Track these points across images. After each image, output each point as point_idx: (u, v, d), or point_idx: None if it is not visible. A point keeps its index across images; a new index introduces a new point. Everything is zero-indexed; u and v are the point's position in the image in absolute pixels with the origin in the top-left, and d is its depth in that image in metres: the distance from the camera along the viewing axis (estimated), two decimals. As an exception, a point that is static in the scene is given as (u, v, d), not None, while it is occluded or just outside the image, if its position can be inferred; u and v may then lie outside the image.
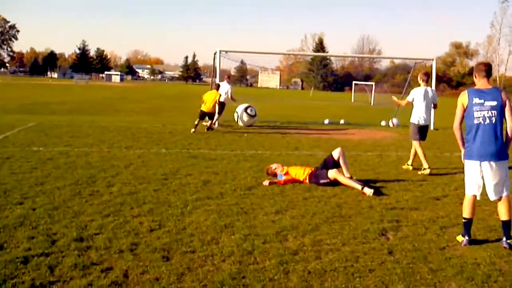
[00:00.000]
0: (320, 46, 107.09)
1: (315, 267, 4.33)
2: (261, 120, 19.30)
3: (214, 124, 15.57)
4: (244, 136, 14.03)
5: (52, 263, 4.21)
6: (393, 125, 19.69)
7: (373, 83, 52.56)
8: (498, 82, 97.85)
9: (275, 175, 8.10)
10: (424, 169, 9.31)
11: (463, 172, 5.47)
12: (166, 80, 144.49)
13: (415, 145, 9.78)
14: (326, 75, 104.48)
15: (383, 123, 20.32)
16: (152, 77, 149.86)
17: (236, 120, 17.32)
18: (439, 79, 76.56)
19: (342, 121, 20.15)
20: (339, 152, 8.19)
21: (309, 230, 5.38)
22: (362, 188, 7.37)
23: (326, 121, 19.68)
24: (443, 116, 18.57)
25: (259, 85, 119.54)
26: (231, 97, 16.81)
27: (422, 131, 9.88)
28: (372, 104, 44.96)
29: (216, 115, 15.31)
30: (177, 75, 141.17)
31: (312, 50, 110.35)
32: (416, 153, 9.78)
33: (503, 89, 6.43)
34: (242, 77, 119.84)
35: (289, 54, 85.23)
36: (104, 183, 7.30)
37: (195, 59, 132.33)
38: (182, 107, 28.44)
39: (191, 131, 14.48)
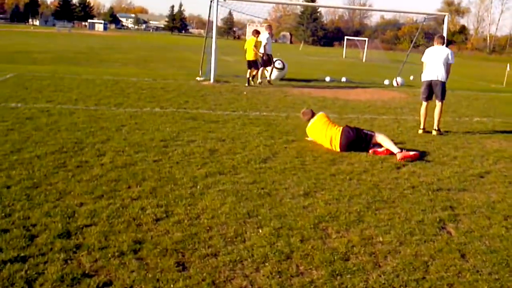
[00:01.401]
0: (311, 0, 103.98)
1: (378, 280, 3.32)
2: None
3: (259, 78, 15.41)
4: (244, 95, 12.84)
5: (31, 273, 3.13)
6: (397, 84, 18.59)
7: (366, 39, 50.96)
8: (488, 41, 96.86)
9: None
10: (420, 129, 9.12)
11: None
12: (151, 30, 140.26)
13: (424, 105, 9.23)
14: (316, 29, 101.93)
15: (386, 82, 19.19)
16: (136, 27, 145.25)
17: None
18: (429, 37, 75.34)
19: (343, 79, 18.96)
20: (382, 138, 7.19)
21: (351, 221, 4.36)
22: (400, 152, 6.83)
23: (328, 79, 18.48)
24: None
25: (247, 38, 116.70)
26: (265, 49, 15.41)
27: (430, 90, 9.13)
28: (364, 60, 43.65)
29: (261, 68, 15.40)
30: (162, 25, 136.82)
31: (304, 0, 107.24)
32: (439, 114, 9.11)
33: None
34: (230, 29, 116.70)
35: (289, 4, 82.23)
36: (93, 151, 6.14)
37: (182, 9, 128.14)
38: (170, 58, 26.88)
39: (245, 86, 14.65)
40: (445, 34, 17.86)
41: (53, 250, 3.46)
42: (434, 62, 8.98)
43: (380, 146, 7.11)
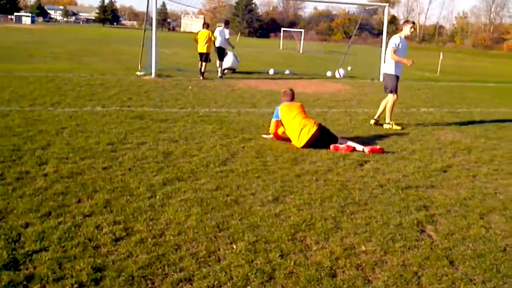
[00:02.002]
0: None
1: (373, 299, 3.03)
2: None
3: (222, 72, 15.76)
4: (189, 89, 12.31)
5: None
6: (340, 76, 18.66)
7: (302, 31, 51.34)
8: (418, 31, 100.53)
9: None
10: (388, 123, 8.89)
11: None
12: (81, 22, 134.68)
13: (391, 98, 8.98)
14: (252, 20, 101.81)
15: (329, 73, 19.21)
16: (65, 19, 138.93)
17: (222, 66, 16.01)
18: (361, 27, 76.80)
19: (287, 71, 18.80)
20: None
21: (329, 229, 4.05)
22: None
23: (271, 71, 18.23)
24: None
25: (182, 29, 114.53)
26: (228, 42, 15.90)
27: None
28: (301, 51, 43.93)
29: (218, 62, 15.67)
30: (93, 17, 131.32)
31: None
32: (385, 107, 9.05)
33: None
34: (164, 20, 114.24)
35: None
36: (34, 159, 5.49)
37: (113, 0, 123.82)
38: (104, 52, 25.69)
39: (200, 78, 14.73)
40: (385, 25, 18.15)
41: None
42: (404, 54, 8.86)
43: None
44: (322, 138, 6.80)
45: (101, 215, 4.05)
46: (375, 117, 9.07)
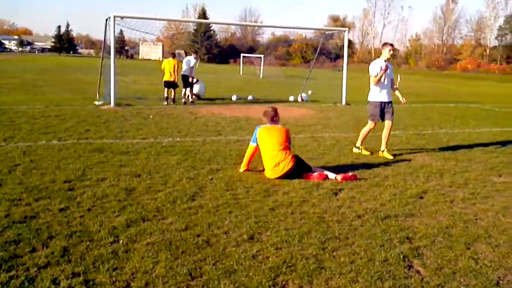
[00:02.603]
0: (203, 17, 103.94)
1: None
2: (161, 97, 17.11)
3: (189, 98, 16.22)
4: (150, 118, 11.89)
5: None
6: (302, 100, 18.61)
7: (262, 56, 51.70)
8: (373, 54, 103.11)
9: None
10: (358, 147, 8.68)
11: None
12: (37, 52, 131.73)
13: (368, 124, 8.65)
14: (211, 46, 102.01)
15: (291, 98, 19.15)
16: (20, 49, 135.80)
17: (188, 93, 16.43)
18: (320, 52, 78.27)
19: (250, 97, 18.62)
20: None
21: (312, 270, 3.72)
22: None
23: (234, 97, 18.01)
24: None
25: (140, 57, 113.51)
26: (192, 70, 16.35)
27: (382, 110, 8.51)
28: (261, 76, 44.06)
29: (187, 90, 16.18)
30: (49, 47, 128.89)
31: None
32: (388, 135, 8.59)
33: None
34: (122, 48, 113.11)
35: (189, 21, 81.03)
36: (-19, 202, 4.97)
37: (69, 29, 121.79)
38: (60, 81, 24.93)
39: (164, 104, 15.00)
40: (345, 49, 18.26)
41: None
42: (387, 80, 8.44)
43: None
44: (296, 170, 6.50)
45: (58, 265, 3.60)
46: (382, 149, 8.50)
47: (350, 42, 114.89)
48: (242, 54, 57.80)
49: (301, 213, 5.11)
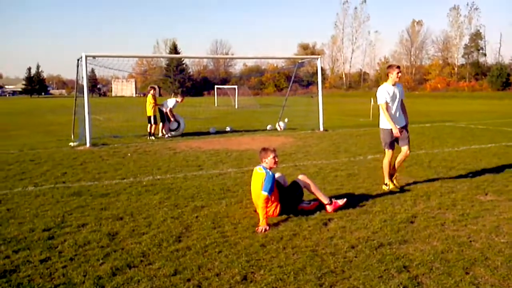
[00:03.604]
0: (174, 52, 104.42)
1: None
2: (137, 134, 16.90)
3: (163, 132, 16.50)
4: (128, 157, 11.65)
5: None
6: (280, 128, 18.60)
7: (236, 87, 51.93)
8: (344, 79, 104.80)
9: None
10: (387, 184, 7.66)
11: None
12: (7, 95, 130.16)
13: (387, 154, 7.74)
14: (184, 80, 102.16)
15: (269, 127, 19.14)
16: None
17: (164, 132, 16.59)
18: (290, 79, 78.87)
19: (228, 128, 18.52)
20: (304, 178, 6.53)
21: (312, 309, 3.55)
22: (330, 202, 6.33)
23: (212, 130, 17.88)
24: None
25: (113, 94, 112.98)
26: (171, 113, 16.58)
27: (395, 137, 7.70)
28: (236, 107, 44.16)
29: (164, 124, 16.48)
30: (19, 89, 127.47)
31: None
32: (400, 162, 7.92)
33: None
34: (94, 86, 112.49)
35: (161, 57, 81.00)
36: (-46, 259, 4.67)
37: (39, 70, 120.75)
38: (33, 124, 24.45)
39: (150, 139, 15.44)
40: (319, 76, 18.41)
41: None
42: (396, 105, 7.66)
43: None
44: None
45: (41, 325, 3.36)
46: (386, 181, 7.72)
47: (321, 68, 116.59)
48: (216, 86, 57.98)
49: (293, 247, 4.95)
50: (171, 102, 16.77)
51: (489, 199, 6.90)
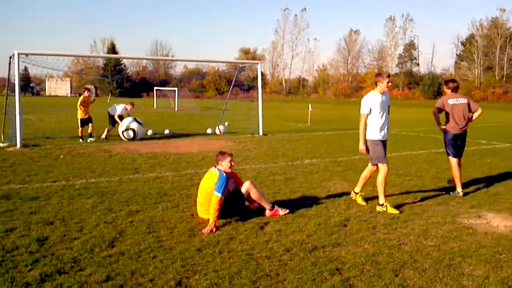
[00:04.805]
0: (112, 52, 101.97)
1: None
2: (71, 135, 16.35)
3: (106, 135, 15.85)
4: (61, 159, 11.25)
5: None
6: (220, 132, 18.60)
7: (176, 89, 51.43)
8: (284, 84, 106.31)
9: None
10: (382, 205, 6.79)
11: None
12: None
13: (382, 170, 6.93)
14: (122, 81, 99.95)
15: (209, 130, 19.10)
16: None
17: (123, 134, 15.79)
18: (231, 83, 79.15)
19: (167, 131, 18.28)
20: (248, 187, 6.49)
21: (246, 312, 3.57)
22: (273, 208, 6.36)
23: (150, 132, 17.57)
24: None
25: (47, 93, 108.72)
26: (118, 116, 15.92)
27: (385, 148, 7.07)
28: (176, 109, 43.74)
29: (110, 127, 15.96)
30: None
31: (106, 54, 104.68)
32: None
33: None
34: (27, 85, 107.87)
35: (98, 56, 78.81)
36: None
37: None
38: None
39: (86, 140, 14.91)
40: (259, 81, 18.56)
41: None
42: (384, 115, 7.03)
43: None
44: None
45: (-40, 337, 3.18)
46: (356, 190, 7.31)
47: (262, 73, 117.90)
48: (155, 88, 57.17)
49: (229, 251, 4.95)
50: (119, 107, 16.08)
51: (418, 203, 7.21)
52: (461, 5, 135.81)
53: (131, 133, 15.57)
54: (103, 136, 15.78)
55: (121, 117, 15.90)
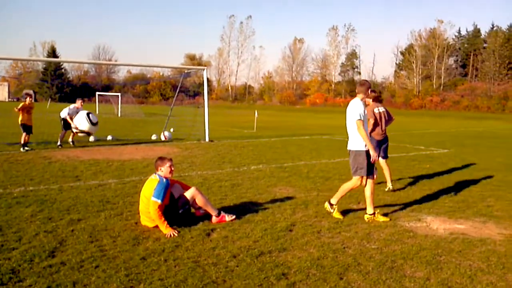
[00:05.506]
0: (53, 55, 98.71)
1: None
2: (9, 142, 15.65)
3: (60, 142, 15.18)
4: (-3, 166, 10.75)
5: None
6: (166, 138, 18.38)
7: (119, 94, 50.38)
8: (230, 91, 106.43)
9: None
10: (372, 214, 6.64)
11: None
12: None
13: (354, 181, 6.83)
14: (62, 85, 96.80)
15: (154, 136, 18.83)
16: None
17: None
18: (176, 89, 78.44)
19: (109, 137, 17.86)
20: (193, 193, 6.38)
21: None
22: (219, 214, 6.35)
23: (92, 139, 17.09)
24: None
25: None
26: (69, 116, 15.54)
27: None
28: (119, 115, 42.87)
29: (62, 132, 15.39)
30: None
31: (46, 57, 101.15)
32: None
33: None
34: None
35: (35, 60, 75.79)
36: None
37: None
38: None
39: (24, 150, 13.61)
40: (205, 87, 18.50)
41: None
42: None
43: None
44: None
45: None
46: (332, 201, 6.93)
47: (208, 80, 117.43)
48: (97, 93, 55.66)
49: (175, 259, 4.89)
50: (71, 108, 15.73)
51: (361, 207, 7.39)
52: (401, 16, 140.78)
53: (85, 128, 15.64)
54: (59, 143, 15.06)
55: (72, 118, 15.57)
